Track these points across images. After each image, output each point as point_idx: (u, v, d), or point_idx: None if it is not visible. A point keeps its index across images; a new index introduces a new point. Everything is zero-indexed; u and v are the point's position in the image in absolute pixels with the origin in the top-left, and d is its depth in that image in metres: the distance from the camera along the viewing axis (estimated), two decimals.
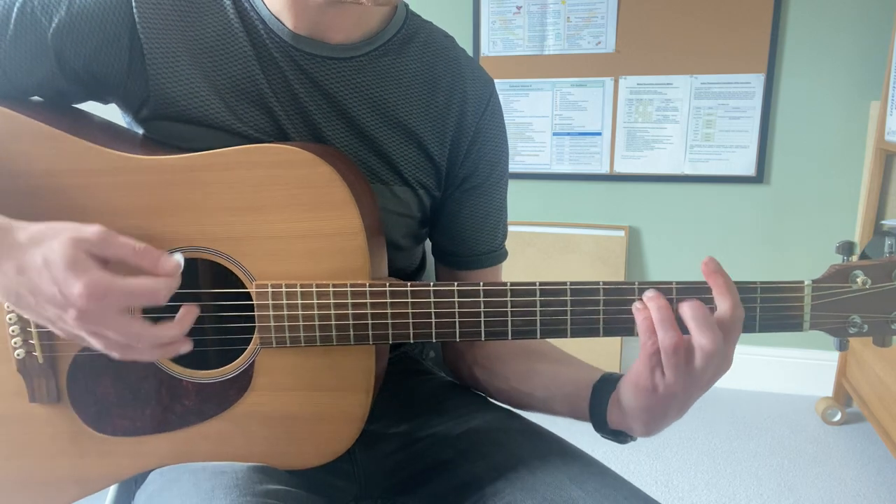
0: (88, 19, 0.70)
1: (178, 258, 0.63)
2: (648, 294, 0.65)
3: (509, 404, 0.88)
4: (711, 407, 2.38)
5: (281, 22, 0.74)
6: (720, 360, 0.63)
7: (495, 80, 0.88)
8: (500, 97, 0.89)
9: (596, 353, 2.46)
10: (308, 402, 0.73)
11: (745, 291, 0.65)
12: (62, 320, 0.60)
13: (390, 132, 0.79)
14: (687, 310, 0.63)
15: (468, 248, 0.88)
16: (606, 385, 0.74)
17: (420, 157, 0.82)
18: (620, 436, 0.74)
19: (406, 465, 0.83)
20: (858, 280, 0.64)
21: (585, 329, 0.68)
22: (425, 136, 0.81)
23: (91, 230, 0.59)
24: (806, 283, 0.65)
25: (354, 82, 0.77)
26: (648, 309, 0.64)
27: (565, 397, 0.79)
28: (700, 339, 0.62)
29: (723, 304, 0.63)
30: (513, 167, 2.46)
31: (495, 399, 0.90)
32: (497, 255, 0.91)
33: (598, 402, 0.74)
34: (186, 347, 0.65)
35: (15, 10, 0.69)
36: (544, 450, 0.79)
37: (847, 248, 0.65)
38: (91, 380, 0.72)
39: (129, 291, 0.59)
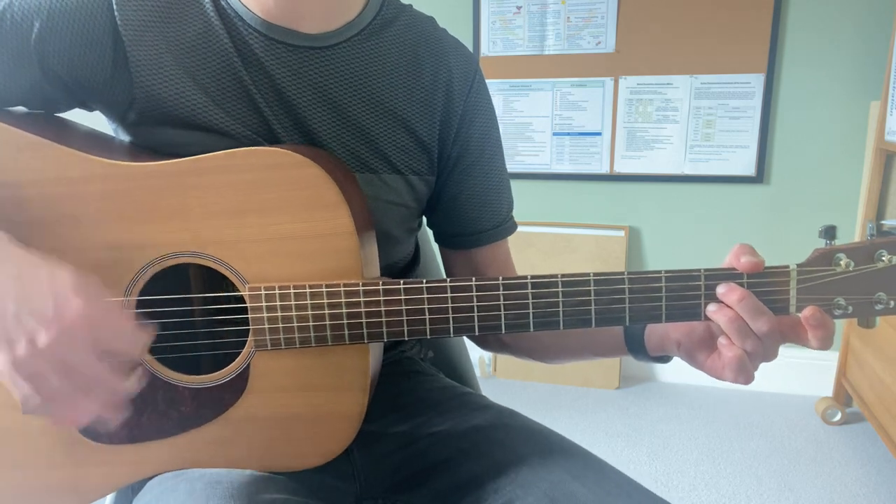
0: (70, 23, 0.70)
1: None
2: (712, 309, 0.66)
3: (537, 357, 0.91)
4: (711, 407, 2.38)
5: (257, 16, 0.74)
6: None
7: (495, 80, 0.89)
8: (500, 97, 0.90)
9: None
10: (305, 403, 0.73)
11: (731, 277, 0.66)
12: (31, 338, 0.56)
13: (377, 119, 0.79)
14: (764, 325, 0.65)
15: (474, 227, 0.89)
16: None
17: (409, 141, 0.81)
18: (661, 359, 0.79)
19: (406, 464, 0.83)
20: (842, 263, 0.65)
21: (578, 320, 0.68)
22: (413, 119, 0.81)
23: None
24: (791, 267, 0.66)
25: (338, 70, 0.77)
26: (725, 312, 0.66)
27: (599, 343, 0.83)
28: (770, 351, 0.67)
29: (812, 341, 0.66)
30: (513, 167, 2.46)
31: (519, 356, 0.92)
32: (503, 228, 0.91)
33: (635, 340, 0.79)
34: (119, 417, 0.63)
35: None
36: (544, 447, 0.79)
37: (830, 231, 0.66)
38: None
39: (120, 332, 0.59)
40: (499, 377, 2.64)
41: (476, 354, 2.53)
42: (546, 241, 2.50)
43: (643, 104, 2.38)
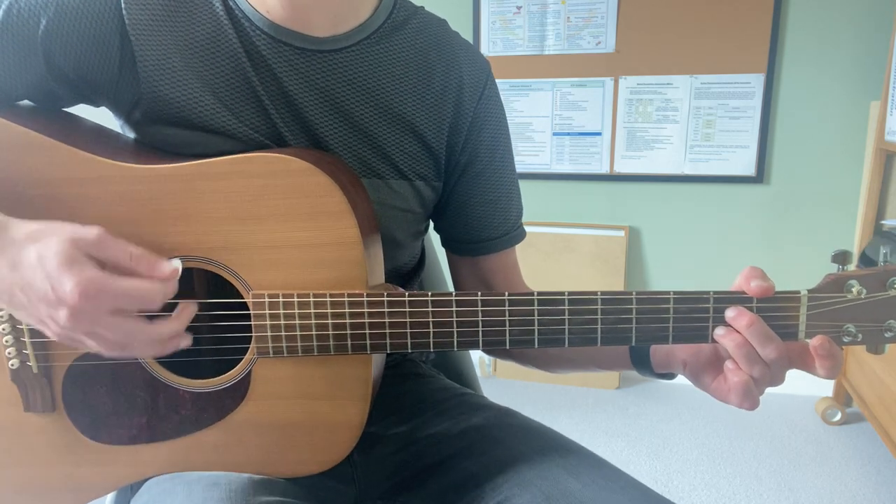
0: (77, 21, 0.69)
1: (176, 263, 0.63)
2: (720, 333, 0.66)
3: (541, 367, 0.90)
4: (711, 407, 2.38)
5: (266, 18, 0.73)
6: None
7: (495, 81, 0.88)
8: (500, 97, 0.89)
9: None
10: (305, 411, 0.73)
11: (740, 301, 0.65)
12: (54, 320, 0.59)
13: (385, 124, 0.78)
14: (772, 351, 0.64)
15: (482, 234, 0.88)
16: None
17: (417, 147, 0.81)
18: (666, 376, 0.78)
19: (405, 465, 0.83)
20: (854, 290, 0.64)
21: (583, 339, 0.67)
22: (422, 125, 0.80)
23: (89, 231, 0.59)
24: (802, 292, 0.65)
25: (346, 74, 0.76)
26: (733, 337, 0.65)
27: (605, 357, 0.82)
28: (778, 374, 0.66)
29: (819, 370, 0.65)
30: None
31: (524, 365, 0.91)
32: (512, 236, 0.90)
33: (640, 356, 0.78)
34: (186, 342, 0.65)
35: (1, 13, 0.68)
36: (542, 445, 0.79)
37: (842, 257, 0.65)
38: (86, 389, 0.72)
39: (123, 292, 0.58)
40: (499, 377, 2.64)
41: (477, 355, 2.53)
42: (546, 241, 2.50)
43: (643, 104, 2.38)
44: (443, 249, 0.95)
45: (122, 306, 0.59)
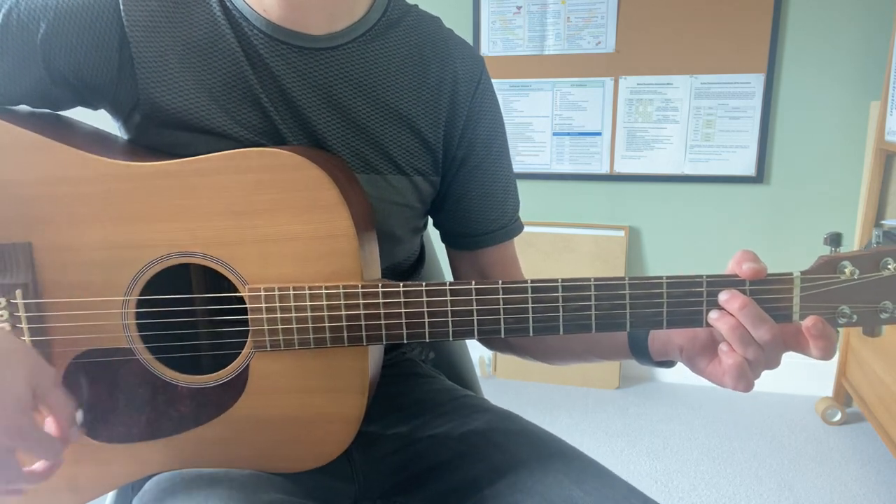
0: (76, 23, 0.69)
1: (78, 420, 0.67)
2: (714, 316, 0.66)
3: (540, 358, 0.90)
4: (711, 407, 2.38)
5: (262, 17, 0.74)
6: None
7: (495, 80, 0.89)
8: (500, 97, 0.90)
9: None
10: (303, 405, 0.73)
11: (733, 284, 0.65)
12: None
13: (382, 119, 0.79)
14: (766, 333, 0.64)
15: (480, 227, 0.88)
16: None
17: (414, 142, 0.81)
18: (664, 364, 0.78)
19: (405, 466, 0.83)
20: (846, 270, 0.64)
21: (578, 325, 0.68)
22: (418, 120, 0.81)
23: (47, 378, 0.62)
24: (795, 274, 0.65)
25: (343, 71, 0.77)
26: (726, 320, 0.65)
27: (603, 346, 0.82)
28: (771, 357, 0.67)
29: (813, 351, 0.66)
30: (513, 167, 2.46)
31: (523, 357, 0.91)
32: (509, 229, 0.90)
33: (638, 344, 0.78)
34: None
35: (0, 16, 0.69)
36: (543, 451, 0.79)
37: (835, 239, 0.65)
38: (86, 387, 0.73)
39: (36, 442, 0.61)
40: (499, 377, 2.63)
41: (476, 354, 2.53)
42: (546, 241, 2.50)
43: (643, 104, 2.38)
44: (442, 247, 0.95)
45: (25, 450, 0.61)
